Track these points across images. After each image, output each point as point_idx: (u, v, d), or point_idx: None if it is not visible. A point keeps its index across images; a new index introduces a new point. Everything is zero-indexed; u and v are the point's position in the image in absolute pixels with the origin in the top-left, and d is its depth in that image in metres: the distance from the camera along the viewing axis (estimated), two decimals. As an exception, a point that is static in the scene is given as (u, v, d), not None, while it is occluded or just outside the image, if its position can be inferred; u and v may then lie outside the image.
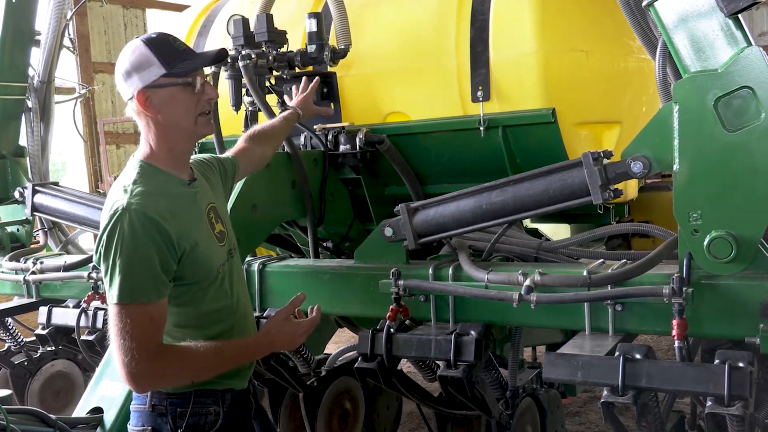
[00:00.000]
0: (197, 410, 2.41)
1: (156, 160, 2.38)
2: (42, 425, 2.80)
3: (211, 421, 2.43)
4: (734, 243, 2.57)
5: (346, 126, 3.96)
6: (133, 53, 2.34)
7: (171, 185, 2.38)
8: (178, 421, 2.38)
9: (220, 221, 2.53)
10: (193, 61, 2.37)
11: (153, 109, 2.34)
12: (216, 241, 2.46)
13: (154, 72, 2.30)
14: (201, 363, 2.31)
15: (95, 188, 14.02)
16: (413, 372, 4.00)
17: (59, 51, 5.42)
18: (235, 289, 2.54)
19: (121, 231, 2.19)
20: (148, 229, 2.20)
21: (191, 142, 2.47)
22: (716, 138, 2.59)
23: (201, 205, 2.45)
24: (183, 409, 2.39)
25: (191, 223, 2.36)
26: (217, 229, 2.49)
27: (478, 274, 3.04)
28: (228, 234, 2.56)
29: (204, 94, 2.38)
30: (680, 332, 2.60)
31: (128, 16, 15.24)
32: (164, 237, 2.22)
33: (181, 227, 2.29)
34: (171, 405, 2.39)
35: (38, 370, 4.91)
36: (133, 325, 2.18)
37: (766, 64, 2.52)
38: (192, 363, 2.30)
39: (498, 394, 3.54)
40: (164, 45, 2.34)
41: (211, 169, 2.68)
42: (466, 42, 3.70)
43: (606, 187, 2.88)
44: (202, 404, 2.41)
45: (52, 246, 5.32)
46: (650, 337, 5.16)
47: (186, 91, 2.35)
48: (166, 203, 2.29)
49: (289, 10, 4.29)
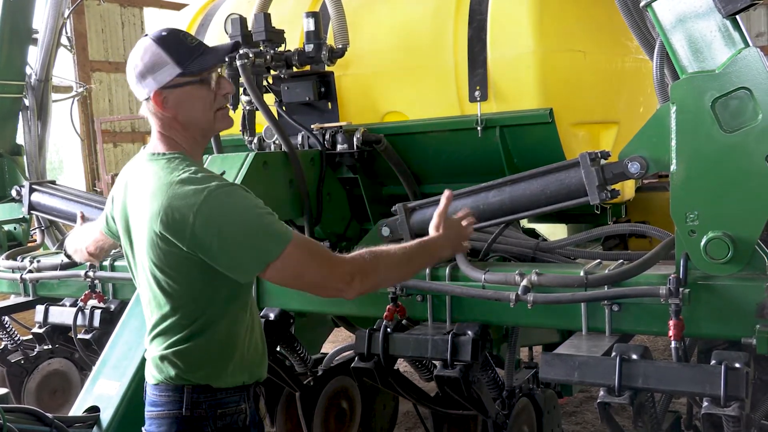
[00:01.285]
0: (229, 410, 2.39)
1: (185, 153, 2.38)
2: (39, 424, 2.80)
3: (242, 419, 2.42)
4: (731, 244, 2.58)
5: (343, 125, 3.97)
6: (145, 53, 2.32)
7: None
8: (218, 422, 2.36)
9: None
10: (206, 58, 2.35)
11: (170, 109, 2.33)
12: None
13: (168, 72, 2.29)
14: (391, 258, 2.40)
15: (92, 187, 14.02)
16: (410, 372, 4.00)
17: (56, 49, 5.42)
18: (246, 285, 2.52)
19: (234, 200, 2.21)
20: (242, 192, 2.25)
21: (209, 137, 2.50)
22: (713, 139, 2.60)
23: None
24: (222, 410, 2.37)
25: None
26: None
27: (475, 274, 3.04)
28: None
29: (220, 88, 2.38)
30: (677, 333, 2.60)
31: (126, 14, 15.23)
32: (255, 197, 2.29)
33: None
34: (210, 408, 2.36)
35: (35, 369, 4.91)
36: (309, 252, 2.27)
37: (763, 65, 2.52)
38: (383, 257, 2.38)
39: (494, 394, 3.54)
40: (176, 43, 2.32)
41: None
42: (463, 42, 3.70)
43: (603, 187, 2.89)
44: (236, 403, 2.40)
45: (49, 244, 5.31)
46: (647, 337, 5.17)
47: (202, 88, 2.34)
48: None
49: (287, 10, 4.29)
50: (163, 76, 2.29)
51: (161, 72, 2.29)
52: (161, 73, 2.29)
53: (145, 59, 2.31)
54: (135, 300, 3.49)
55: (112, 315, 4.15)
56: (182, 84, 2.31)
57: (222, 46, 2.43)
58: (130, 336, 3.36)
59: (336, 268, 2.28)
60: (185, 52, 2.31)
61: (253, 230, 2.22)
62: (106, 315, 4.18)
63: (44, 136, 5.49)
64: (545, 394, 3.84)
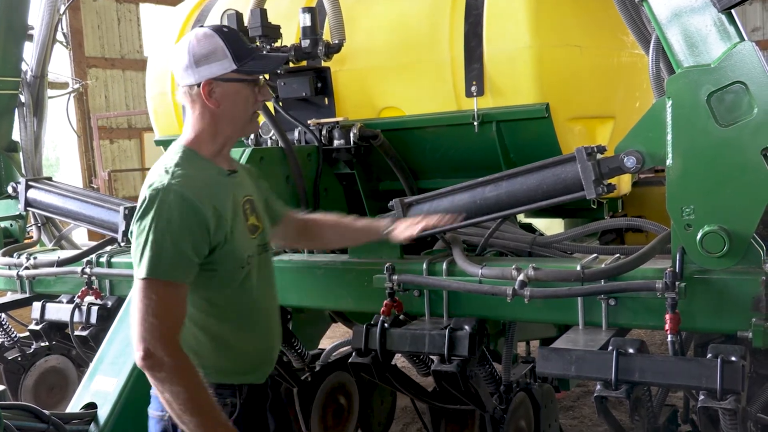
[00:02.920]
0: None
1: (199, 147, 2.45)
2: (36, 421, 2.80)
3: (227, 412, 2.42)
4: (727, 237, 2.58)
5: (340, 121, 3.96)
6: (206, 41, 2.39)
7: (211, 172, 2.44)
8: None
9: (255, 215, 2.57)
10: (262, 63, 2.47)
11: (214, 101, 2.40)
12: (248, 232, 2.49)
13: (225, 65, 2.36)
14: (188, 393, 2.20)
15: (89, 183, 14.02)
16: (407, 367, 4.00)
17: (52, 46, 5.40)
18: (260, 286, 2.54)
19: (159, 209, 2.23)
20: (185, 210, 2.25)
21: (237, 137, 2.54)
22: (709, 133, 2.60)
23: (238, 196, 2.50)
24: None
25: (227, 210, 2.39)
26: (250, 221, 2.53)
27: (471, 269, 3.05)
28: (262, 229, 2.59)
29: (260, 95, 2.47)
30: (673, 326, 2.61)
31: (122, 10, 15.21)
32: (200, 220, 2.27)
33: (218, 213, 2.34)
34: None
35: (32, 366, 4.91)
36: (158, 302, 2.18)
37: (758, 59, 2.53)
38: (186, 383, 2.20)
39: (492, 389, 3.54)
40: (237, 41, 2.41)
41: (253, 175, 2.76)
42: (460, 37, 3.70)
43: (599, 182, 2.89)
44: (220, 395, 2.40)
45: (46, 241, 5.31)
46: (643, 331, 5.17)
47: (248, 89, 2.42)
48: (205, 188, 2.35)
49: (283, 5, 4.28)
50: (218, 68, 2.36)
51: (218, 63, 2.37)
52: (218, 64, 2.36)
53: (204, 46, 2.38)
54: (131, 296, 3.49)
55: (109, 311, 4.15)
56: (233, 80, 2.39)
57: (275, 56, 2.57)
58: (127, 332, 3.35)
59: (151, 340, 2.16)
60: (243, 51, 2.40)
61: (149, 239, 2.22)
62: (103, 311, 4.18)
63: (40, 132, 5.48)
64: (542, 389, 3.85)
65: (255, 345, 2.56)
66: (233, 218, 2.41)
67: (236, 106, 2.42)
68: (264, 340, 2.59)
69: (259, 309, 2.55)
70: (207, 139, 2.45)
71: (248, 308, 2.51)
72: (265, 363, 2.61)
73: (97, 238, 4.75)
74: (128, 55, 15.16)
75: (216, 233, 2.32)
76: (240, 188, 2.53)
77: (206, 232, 2.29)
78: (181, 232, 2.23)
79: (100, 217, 4.48)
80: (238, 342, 2.49)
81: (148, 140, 14.18)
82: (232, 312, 2.46)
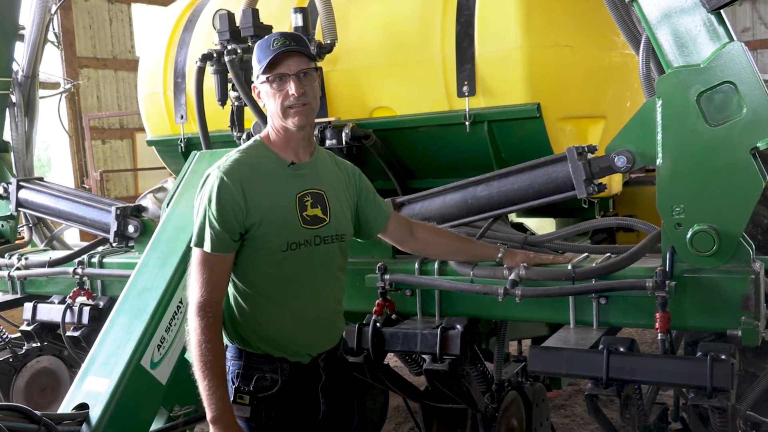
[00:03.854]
0: (251, 373, 2.60)
1: (267, 139, 2.68)
2: (27, 422, 2.80)
3: (265, 386, 2.60)
4: (716, 236, 2.60)
5: (332, 121, 3.96)
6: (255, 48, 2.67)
7: (268, 161, 2.63)
8: (234, 380, 2.60)
9: (319, 207, 2.66)
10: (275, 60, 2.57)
11: (261, 100, 2.66)
12: (299, 221, 2.60)
13: (257, 70, 2.61)
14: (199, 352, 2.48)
15: (80, 184, 13.98)
16: (400, 366, 4.01)
17: (44, 45, 5.39)
18: (307, 273, 2.63)
19: (204, 188, 2.56)
20: (222, 192, 2.51)
21: (288, 131, 2.63)
22: (699, 132, 2.62)
23: (296, 186, 2.63)
24: (239, 371, 2.61)
25: (270, 197, 2.57)
26: (310, 212, 2.64)
27: (463, 269, 3.06)
28: (329, 222, 2.66)
29: (290, 88, 2.57)
30: (663, 325, 2.62)
31: (113, 10, 15.17)
32: (234, 201, 2.51)
33: (257, 198, 2.54)
34: (232, 365, 2.63)
35: (23, 367, 4.89)
36: (199, 268, 2.53)
37: (747, 59, 2.55)
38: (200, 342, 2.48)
39: (484, 388, 3.55)
40: (263, 47, 2.59)
41: (354, 178, 2.86)
42: (451, 37, 3.71)
43: (590, 181, 2.91)
44: (258, 369, 2.61)
45: (37, 242, 5.29)
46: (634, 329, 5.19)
47: (273, 87, 2.58)
48: (252, 174, 2.57)
49: (275, 5, 4.28)
50: (255, 73, 2.63)
51: (255, 69, 2.63)
52: (255, 69, 2.63)
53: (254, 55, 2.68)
54: (124, 297, 3.50)
55: (100, 312, 4.15)
56: (263, 82, 2.60)
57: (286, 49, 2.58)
58: (119, 333, 3.36)
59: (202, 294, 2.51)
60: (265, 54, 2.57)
61: (198, 213, 2.56)
62: (94, 312, 4.17)
63: (31, 132, 5.46)
64: (534, 387, 3.85)
65: (290, 326, 2.64)
66: (278, 204, 2.58)
67: (270, 104, 2.61)
68: (302, 325, 2.66)
69: (299, 294, 2.64)
70: (270, 131, 2.68)
71: (285, 290, 2.62)
72: (305, 346, 2.68)
73: (88, 238, 4.75)
74: (120, 55, 15.13)
75: (250, 215, 2.52)
76: (304, 180, 2.65)
77: (240, 211, 2.51)
78: (218, 211, 2.50)
79: (91, 218, 4.48)
80: (269, 319, 2.62)
81: (140, 140, 14.16)
82: (267, 287, 2.61)
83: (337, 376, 2.78)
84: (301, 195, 2.62)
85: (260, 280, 2.61)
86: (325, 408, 2.73)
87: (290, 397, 2.64)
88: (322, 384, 2.71)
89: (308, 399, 2.69)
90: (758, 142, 2.54)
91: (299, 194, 2.62)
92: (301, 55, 2.58)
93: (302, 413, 2.68)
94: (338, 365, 2.80)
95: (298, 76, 2.56)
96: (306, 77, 2.58)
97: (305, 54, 2.60)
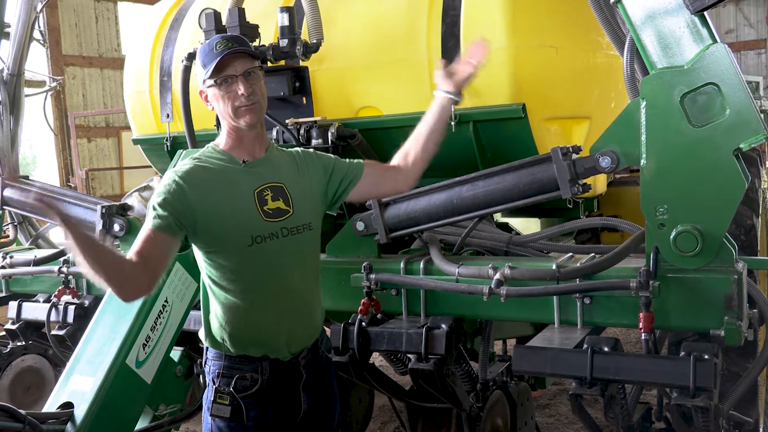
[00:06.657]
0: (232, 373, 2.64)
1: (219, 142, 2.74)
2: (11, 421, 2.79)
3: (245, 385, 2.63)
4: (700, 237, 2.62)
5: (318, 120, 3.96)
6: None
7: (222, 162, 2.68)
8: (215, 380, 2.65)
9: (281, 199, 2.69)
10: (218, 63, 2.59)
11: (209, 104, 2.69)
12: (260, 215, 2.62)
13: (201, 75, 2.64)
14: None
15: (66, 182, 13.91)
16: (385, 366, 4.02)
17: (29, 43, 5.35)
18: (281, 266, 2.66)
19: (162, 183, 2.62)
20: (174, 187, 2.57)
21: (239, 131, 2.68)
22: (682, 133, 2.64)
23: (252, 183, 2.66)
24: (219, 371, 2.66)
25: (225, 195, 2.61)
26: (271, 205, 2.66)
27: (448, 268, 3.07)
28: (292, 213, 2.69)
29: (239, 88, 2.60)
30: (647, 325, 2.64)
31: (99, 8, 15.10)
32: (182, 198, 2.56)
33: (211, 196, 2.59)
34: (213, 365, 2.69)
35: (8, 366, 4.86)
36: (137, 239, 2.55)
37: (730, 60, 2.57)
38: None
39: (468, 387, 3.56)
40: (207, 51, 2.62)
41: (308, 162, 2.86)
42: (437, 37, 3.72)
43: (575, 181, 2.92)
44: (238, 369, 2.64)
45: (22, 240, 5.27)
46: (618, 329, 5.22)
47: (221, 89, 2.61)
48: (206, 174, 2.63)
49: (261, 4, 4.28)
50: (200, 77, 2.65)
51: (200, 74, 2.65)
52: (200, 75, 2.65)
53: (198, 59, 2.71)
54: (109, 295, 3.48)
55: (86, 311, 4.14)
56: (209, 86, 2.64)
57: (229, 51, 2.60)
58: (104, 332, 3.35)
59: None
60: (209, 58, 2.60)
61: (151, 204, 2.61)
62: (80, 311, 4.17)
63: (17, 131, 5.42)
64: (519, 387, 3.87)
65: (267, 320, 2.66)
66: (230, 200, 2.62)
67: (218, 107, 2.64)
68: (280, 318, 2.67)
69: (273, 287, 2.66)
70: (223, 134, 2.72)
71: (259, 284, 2.64)
72: (284, 341, 2.68)
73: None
74: (106, 54, 15.06)
75: (199, 210, 2.56)
76: (259, 176, 2.67)
77: (188, 208, 2.55)
78: (163, 196, 2.55)
79: (77, 216, 4.46)
80: (246, 314, 2.64)
81: (126, 139, 14.08)
82: (240, 284, 2.64)
83: (319, 374, 2.80)
84: (259, 190, 2.66)
85: (233, 276, 2.63)
86: (306, 406, 2.74)
87: (271, 396, 2.65)
88: (303, 382, 2.73)
89: (289, 398, 2.70)
90: (741, 143, 2.56)
91: (257, 189, 2.65)
92: (246, 55, 2.62)
93: (283, 412, 2.69)
94: (319, 363, 2.82)
95: (245, 76, 2.60)
96: (252, 76, 2.62)
97: (249, 54, 2.63)
